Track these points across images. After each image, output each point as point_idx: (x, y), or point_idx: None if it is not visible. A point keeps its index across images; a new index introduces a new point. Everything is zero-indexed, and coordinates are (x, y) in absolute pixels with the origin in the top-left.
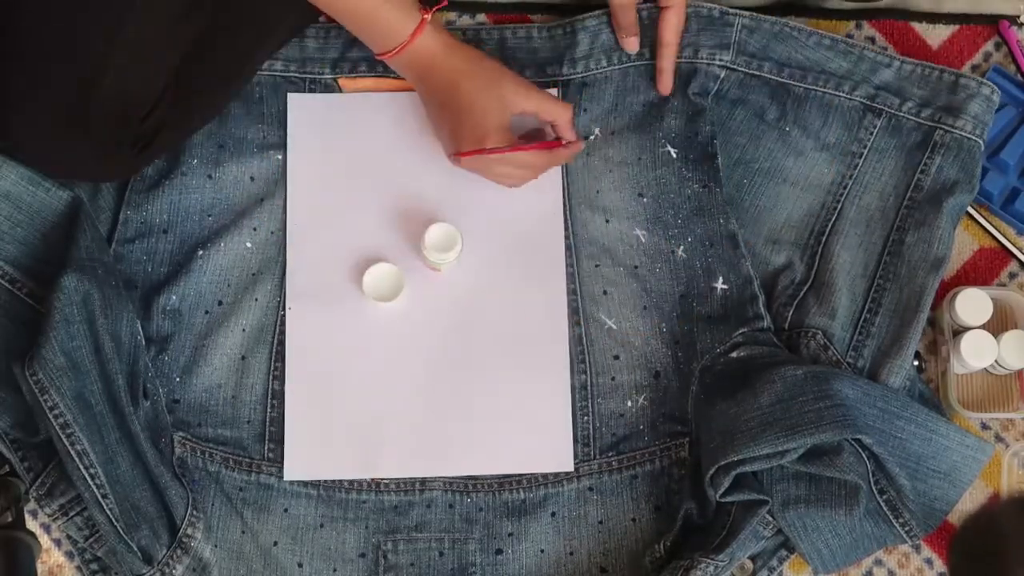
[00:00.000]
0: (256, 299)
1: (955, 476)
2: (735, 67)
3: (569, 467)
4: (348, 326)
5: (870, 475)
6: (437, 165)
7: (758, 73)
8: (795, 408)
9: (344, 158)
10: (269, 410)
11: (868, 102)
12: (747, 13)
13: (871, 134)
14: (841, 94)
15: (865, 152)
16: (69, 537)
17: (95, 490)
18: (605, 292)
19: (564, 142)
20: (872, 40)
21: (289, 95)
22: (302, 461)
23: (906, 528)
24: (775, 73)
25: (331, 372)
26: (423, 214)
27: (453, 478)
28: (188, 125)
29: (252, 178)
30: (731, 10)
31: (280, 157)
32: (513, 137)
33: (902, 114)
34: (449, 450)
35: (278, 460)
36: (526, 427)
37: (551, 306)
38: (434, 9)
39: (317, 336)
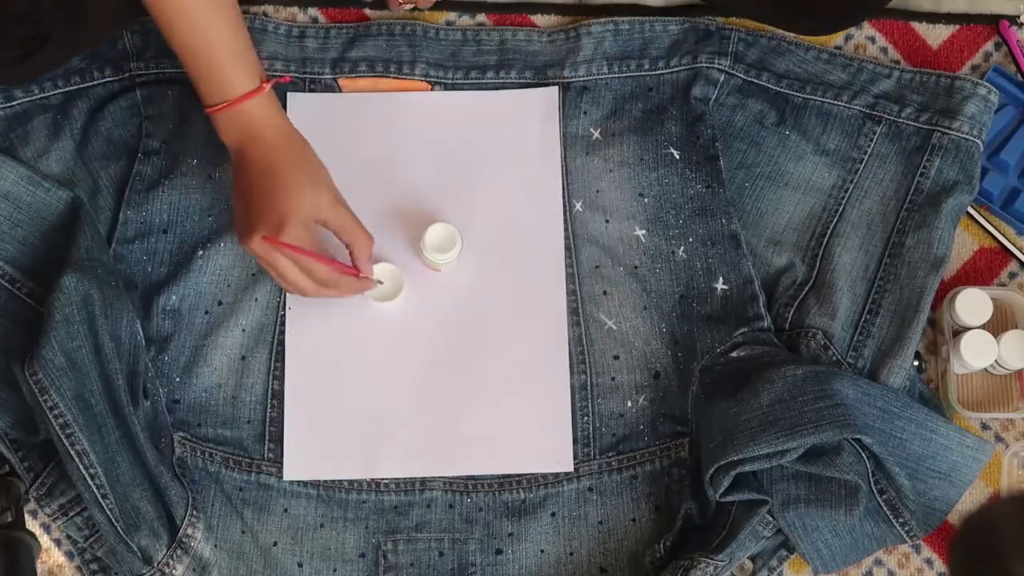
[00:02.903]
0: (256, 299)
1: (955, 476)
2: (734, 72)
3: (569, 467)
4: (348, 326)
5: (870, 475)
6: (437, 165)
7: (756, 81)
8: (795, 408)
9: (344, 158)
10: (269, 410)
11: (868, 110)
12: (743, 28)
13: (871, 141)
14: (840, 103)
15: (866, 158)
16: (69, 537)
17: (95, 490)
18: (605, 292)
19: (360, 274)
20: (872, 40)
21: (289, 94)
22: (301, 461)
23: (906, 528)
24: (773, 83)
25: (331, 372)
26: (423, 214)
27: (453, 478)
28: (77, 39)
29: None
30: (727, 25)
31: None
32: (311, 239)
33: (902, 120)
34: (449, 450)
35: (278, 460)
36: (526, 427)
37: (551, 306)
38: (274, 81)
39: (317, 336)
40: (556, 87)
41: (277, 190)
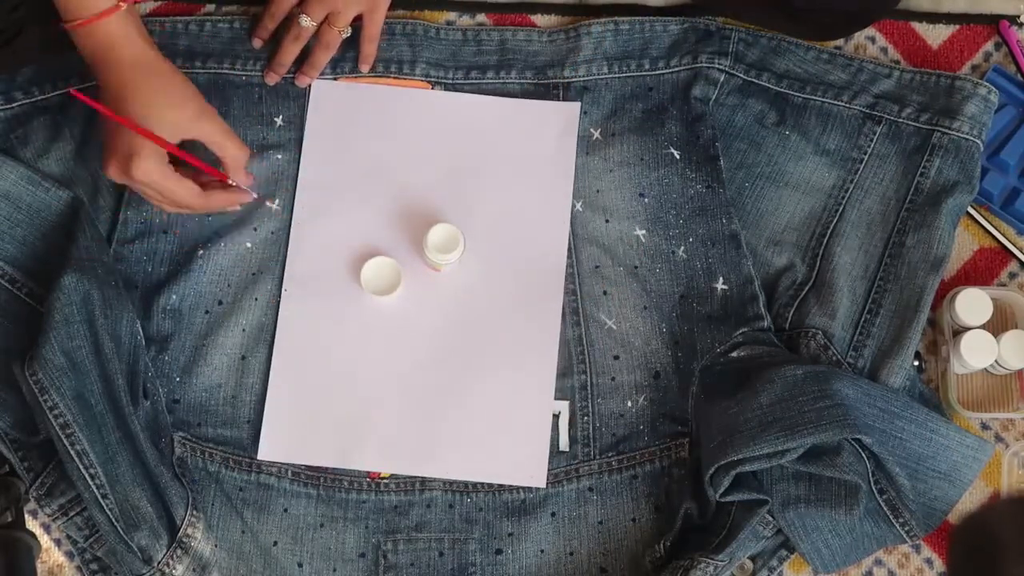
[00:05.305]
0: (256, 299)
1: (955, 476)
2: (734, 72)
3: (542, 484)
4: (341, 315)
5: (870, 475)
6: (450, 165)
7: (757, 81)
8: (795, 408)
9: (358, 148)
10: None
11: (868, 110)
12: (744, 28)
13: (871, 141)
14: (840, 103)
15: (866, 158)
16: (69, 537)
17: (95, 490)
18: (605, 292)
19: (231, 182)
20: (872, 40)
21: (313, 82)
22: (278, 443)
23: (906, 528)
24: (774, 83)
25: (318, 358)
26: (428, 213)
27: (452, 478)
28: (49, 38)
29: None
30: (728, 25)
31: (280, 157)
32: (165, 166)
33: (902, 120)
34: (428, 450)
35: (277, 459)
36: (505, 439)
37: (544, 324)
38: (133, 0)
39: (309, 321)
40: (578, 103)
41: (135, 113)
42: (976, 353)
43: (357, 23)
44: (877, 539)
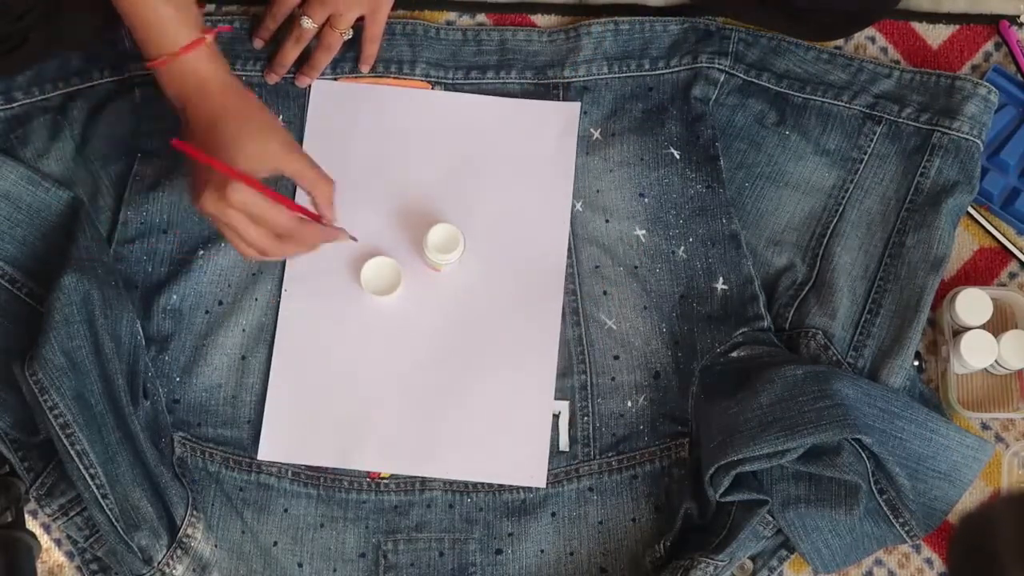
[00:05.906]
0: (256, 299)
1: (955, 476)
2: (734, 72)
3: (542, 484)
4: (342, 316)
5: (870, 475)
6: (450, 165)
7: (757, 81)
8: (795, 408)
9: (358, 148)
10: None
11: (868, 110)
12: (744, 28)
13: (871, 141)
14: (840, 103)
15: (866, 158)
16: (69, 537)
17: (95, 490)
18: (605, 292)
19: (324, 220)
20: (872, 40)
21: (313, 82)
22: (278, 443)
23: (906, 528)
24: (774, 83)
25: (318, 358)
26: (428, 213)
27: (452, 478)
28: (55, 42)
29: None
30: (728, 25)
31: None
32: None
33: (902, 120)
34: (428, 450)
35: (278, 459)
36: (505, 439)
37: (544, 324)
38: (215, 30)
39: (309, 321)
40: (578, 103)
41: (222, 145)
42: (976, 353)
43: (358, 24)
44: (877, 539)
